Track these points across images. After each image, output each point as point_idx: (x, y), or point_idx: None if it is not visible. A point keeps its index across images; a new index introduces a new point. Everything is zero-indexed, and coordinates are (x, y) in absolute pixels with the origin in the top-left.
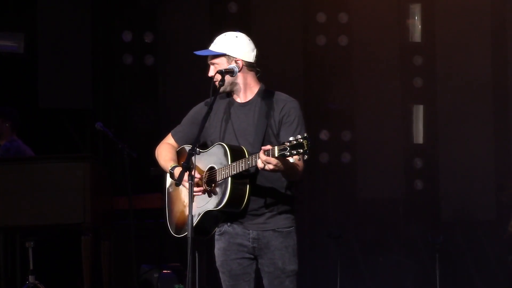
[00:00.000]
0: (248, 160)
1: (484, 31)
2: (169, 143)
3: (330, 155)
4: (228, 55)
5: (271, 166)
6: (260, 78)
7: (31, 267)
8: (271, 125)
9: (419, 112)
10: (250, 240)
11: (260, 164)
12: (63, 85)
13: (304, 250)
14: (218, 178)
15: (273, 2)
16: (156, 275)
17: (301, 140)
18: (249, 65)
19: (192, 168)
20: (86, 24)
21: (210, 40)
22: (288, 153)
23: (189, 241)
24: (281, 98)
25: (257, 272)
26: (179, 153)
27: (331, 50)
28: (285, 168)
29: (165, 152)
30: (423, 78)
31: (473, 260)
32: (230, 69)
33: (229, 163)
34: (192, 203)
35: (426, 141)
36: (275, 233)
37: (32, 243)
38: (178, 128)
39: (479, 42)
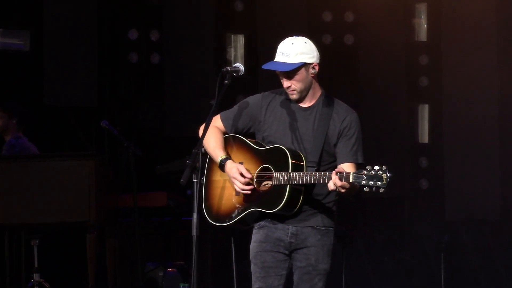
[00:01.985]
0: (315, 176)
1: (490, 31)
2: (217, 127)
3: None
4: (306, 63)
5: (343, 191)
6: (266, 76)
7: (36, 265)
8: (330, 134)
9: (424, 111)
10: (289, 235)
11: (331, 186)
12: (68, 83)
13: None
14: (275, 182)
15: (279, 1)
16: (161, 273)
17: (380, 173)
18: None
19: (198, 167)
20: (92, 22)
21: (217, 38)
22: (364, 183)
23: (194, 239)
24: (343, 108)
25: (289, 270)
26: (226, 141)
27: (337, 49)
28: (351, 190)
29: (213, 138)
30: (429, 77)
31: (478, 259)
32: (237, 68)
33: (290, 170)
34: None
35: (431, 140)
36: (313, 230)
37: (37, 241)
38: (229, 113)
39: (485, 42)
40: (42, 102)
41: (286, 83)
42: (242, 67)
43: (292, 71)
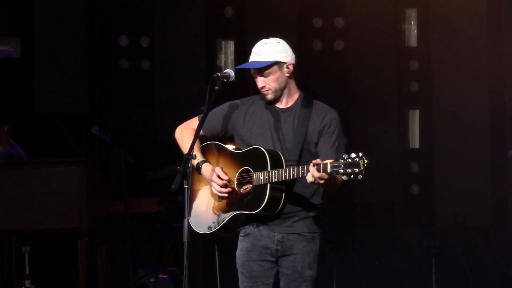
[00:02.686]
0: (293, 171)
1: (480, 36)
2: (194, 129)
3: None
4: (279, 62)
5: (322, 182)
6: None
7: (27, 272)
8: (310, 133)
9: (415, 116)
10: (275, 242)
11: (310, 178)
12: (59, 90)
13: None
14: (255, 182)
15: (269, 7)
16: (152, 279)
17: (357, 160)
18: (293, 70)
19: (189, 174)
20: (82, 29)
21: (207, 44)
22: (342, 171)
23: (185, 245)
24: (322, 107)
25: (276, 277)
26: (205, 148)
27: (327, 55)
28: (330, 181)
29: (190, 141)
30: (419, 83)
31: (469, 264)
32: (227, 73)
33: (269, 169)
34: (188, 206)
35: (422, 145)
36: (299, 237)
37: (28, 247)
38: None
39: (475, 47)
40: (32, 108)
41: (260, 83)
42: (232, 73)
43: (265, 70)
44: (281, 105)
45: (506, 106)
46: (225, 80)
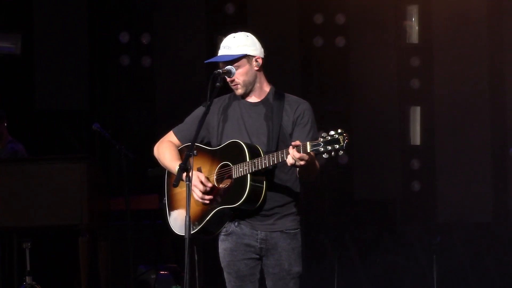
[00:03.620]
0: (273, 157)
1: (481, 33)
2: (171, 141)
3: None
4: (248, 55)
5: (302, 163)
6: None
7: (28, 268)
8: (285, 125)
9: (416, 113)
10: (258, 240)
11: (290, 160)
12: (60, 86)
13: (301, 251)
14: (235, 175)
15: (270, 3)
16: (153, 276)
17: (336, 136)
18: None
19: (190, 169)
20: (83, 25)
21: (208, 41)
22: (322, 149)
23: (187, 242)
24: (294, 99)
25: (261, 272)
26: (185, 150)
27: (328, 52)
28: (311, 164)
29: (169, 151)
30: (420, 80)
31: (470, 261)
32: (228, 70)
33: (248, 159)
34: (190, 204)
35: (423, 142)
36: (283, 235)
37: (29, 244)
38: (181, 126)
39: (476, 44)
40: (33, 105)
41: (229, 78)
42: (233, 70)
43: (234, 63)
44: (253, 99)
45: (507, 103)
46: (226, 77)
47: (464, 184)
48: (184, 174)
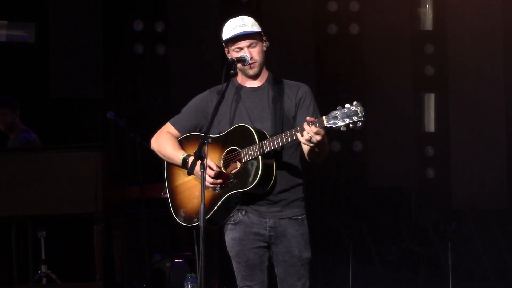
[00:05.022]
0: (286, 135)
1: (496, 19)
2: (169, 132)
3: (342, 143)
4: (261, 34)
5: (319, 137)
6: (270, 68)
7: (43, 257)
8: (287, 108)
9: (430, 100)
10: (267, 228)
11: (306, 136)
12: (74, 75)
13: (316, 239)
14: (244, 158)
15: None
16: (168, 264)
17: (353, 108)
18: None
19: (204, 157)
20: (97, 14)
21: (221, 29)
22: (340, 123)
23: (201, 230)
24: (293, 83)
25: (268, 260)
26: (184, 141)
27: (342, 39)
28: (323, 142)
29: (170, 142)
30: (435, 67)
31: (484, 249)
32: (242, 57)
33: (257, 142)
34: (204, 192)
35: (437, 129)
36: (291, 221)
37: (44, 232)
38: (178, 117)
39: (491, 30)
40: (48, 94)
41: (249, 54)
42: (248, 57)
43: (254, 41)
44: (253, 84)
45: None
46: (240, 64)
47: (479, 171)
48: (199, 162)
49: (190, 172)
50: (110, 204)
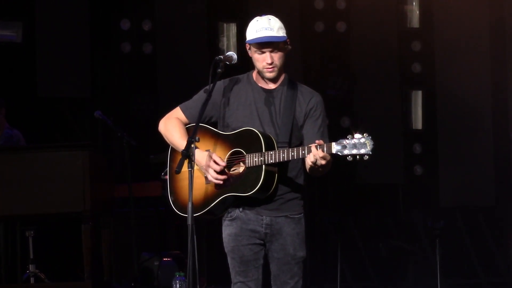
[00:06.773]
0: (292, 152)
1: (483, 16)
2: (178, 118)
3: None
4: (286, 39)
5: (323, 162)
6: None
7: (32, 256)
8: (297, 115)
9: (418, 97)
10: (263, 226)
11: (311, 158)
12: (61, 74)
13: (304, 236)
14: (248, 163)
15: None
16: (156, 263)
17: (363, 140)
18: None
19: (192, 156)
20: (84, 13)
21: (209, 27)
22: (347, 152)
23: (189, 228)
24: (307, 90)
25: (264, 258)
26: (188, 131)
27: (329, 37)
28: (328, 164)
29: (178, 129)
30: (422, 64)
31: (473, 245)
32: (229, 56)
33: (264, 150)
34: (192, 190)
35: (425, 126)
36: (287, 219)
37: (32, 232)
38: (188, 103)
39: (478, 27)
40: (35, 93)
41: (268, 59)
42: (235, 56)
43: (278, 46)
44: (269, 86)
45: (509, 87)
46: (227, 63)
47: (466, 168)
48: (187, 161)
49: (178, 171)
50: (98, 203)
